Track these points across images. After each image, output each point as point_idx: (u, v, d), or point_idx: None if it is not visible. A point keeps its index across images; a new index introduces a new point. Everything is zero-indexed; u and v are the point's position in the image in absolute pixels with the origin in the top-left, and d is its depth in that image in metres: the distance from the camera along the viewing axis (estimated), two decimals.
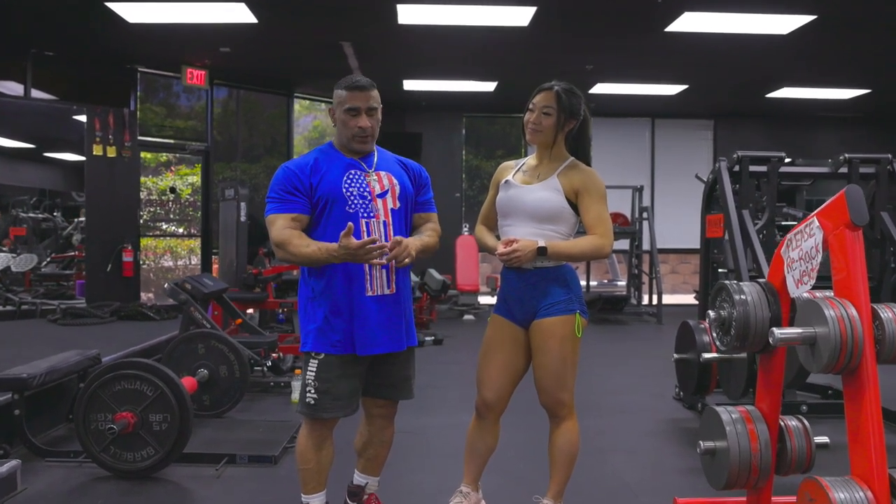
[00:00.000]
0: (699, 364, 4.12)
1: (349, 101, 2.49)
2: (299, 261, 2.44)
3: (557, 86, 2.66)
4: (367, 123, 2.50)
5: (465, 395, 4.94)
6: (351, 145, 2.54)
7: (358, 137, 2.51)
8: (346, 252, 2.31)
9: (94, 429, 3.31)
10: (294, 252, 2.41)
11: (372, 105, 2.51)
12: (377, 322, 2.47)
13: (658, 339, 8.39)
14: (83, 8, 6.43)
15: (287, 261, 2.50)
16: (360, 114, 2.49)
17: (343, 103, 2.50)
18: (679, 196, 11.44)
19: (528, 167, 2.78)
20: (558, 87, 2.65)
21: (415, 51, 7.89)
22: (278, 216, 2.46)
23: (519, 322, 2.70)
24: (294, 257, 2.43)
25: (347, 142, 2.54)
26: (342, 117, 2.51)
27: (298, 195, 2.46)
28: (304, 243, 2.41)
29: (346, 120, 2.51)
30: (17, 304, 7.47)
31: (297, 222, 2.46)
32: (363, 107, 2.49)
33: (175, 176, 9.90)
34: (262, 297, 6.74)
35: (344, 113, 2.51)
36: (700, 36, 7.05)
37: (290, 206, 2.46)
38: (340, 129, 2.54)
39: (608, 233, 2.64)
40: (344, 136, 2.54)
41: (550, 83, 2.68)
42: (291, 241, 2.41)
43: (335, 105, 2.54)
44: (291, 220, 2.45)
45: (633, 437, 4.21)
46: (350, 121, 2.50)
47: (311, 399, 2.47)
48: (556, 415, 2.69)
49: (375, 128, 2.55)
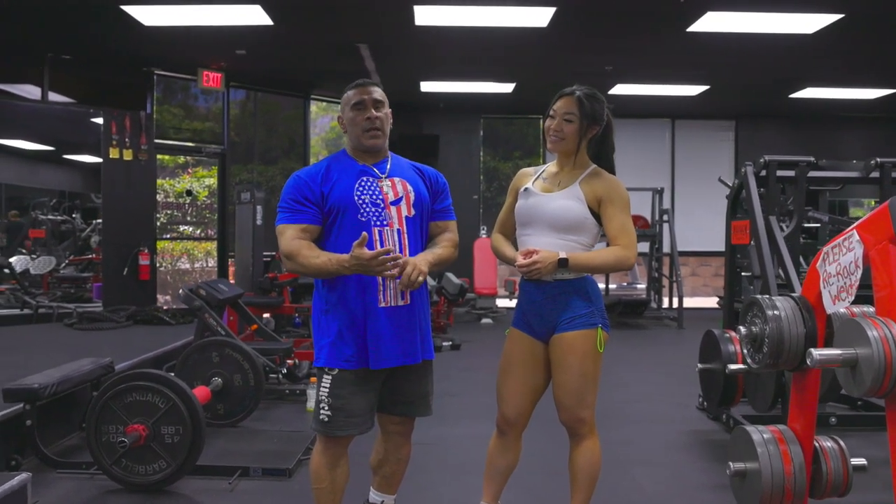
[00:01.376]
0: (724, 375, 4.00)
1: (354, 97, 2.44)
2: (309, 272, 2.36)
3: (579, 91, 2.56)
4: (375, 114, 2.43)
5: (485, 404, 4.84)
6: (362, 143, 2.45)
7: (368, 131, 2.44)
8: (357, 263, 2.23)
9: (105, 441, 3.25)
10: (303, 263, 2.33)
11: (377, 98, 2.45)
12: (390, 334, 2.38)
13: (679, 344, 8.26)
14: (99, 11, 6.40)
15: (296, 272, 2.42)
16: (366, 106, 2.43)
17: (349, 102, 2.45)
18: (700, 198, 11.31)
19: (549, 174, 2.68)
20: (580, 93, 2.55)
21: (432, 52, 7.80)
22: (287, 226, 2.39)
23: (538, 336, 2.60)
24: (303, 269, 2.35)
25: (358, 141, 2.46)
26: (350, 115, 2.45)
27: (308, 205, 2.39)
28: (313, 254, 2.33)
29: (353, 117, 2.44)
30: (34, 307, 7.46)
31: (307, 233, 2.39)
32: (368, 99, 2.43)
33: (192, 178, 9.88)
34: (279, 301, 6.69)
35: (351, 110, 2.45)
36: (723, 36, 6.91)
37: (300, 217, 2.39)
38: (351, 130, 2.47)
39: (632, 244, 2.54)
40: (354, 136, 2.46)
41: (571, 88, 2.58)
42: (300, 252, 2.34)
43: (343, 109, 2.48)
44: (301, 230, 2.38)
45: (655, 449, 4.10)
46: (358, 116, 2.44)
47: (324, 416, 2.39)
48: (576, 433, 2.59)
49: (385, 124, 2.48)
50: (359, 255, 2.21)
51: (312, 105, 10.39)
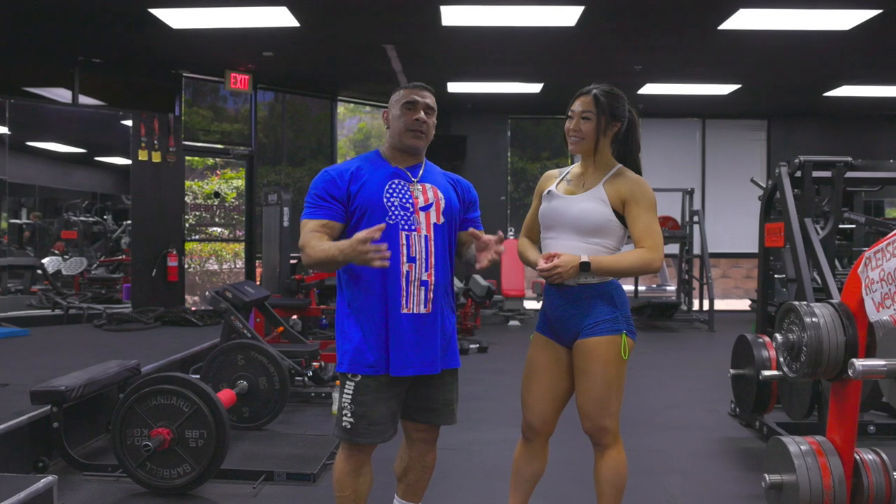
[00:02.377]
0: (758, 381, 3.90)
1: (407, 95, 2.41)
2: (314, 261, 2.32)
3: (596, 88, 2.51)
4: (424, 118, 2.40)
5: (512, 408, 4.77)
6: (404, 141, 2.41)
7: (413, 131, 2.40)
8: (350, 244, 2.16)
9: (130, 444, 3.25)
10: (310, 254, 2.31)
11: (429, 104, 2.43)
12: (410, 342, 2.34)
13: (710, 348, 8.13)
14: (128, 15, 6.43)
15: (308, 265, 2.40)
16: (417, 108, 2.40)
17: (401, 100, 2.42)
18: (731, 199, 11.15)
19: (573, 176, 2.62)
20: (596, 90, 2.51)
21: (459, 52, 7.75)
22: (308, 221, 2.37)
23: (562, 341, 2.55)
24: (310, 258, 2.32)
25: (399, 139, 2.41)
26: (397, 112, 2.41)
27: (333, 202, 2.36)
28: (319, 244, 2.30)
29: (402, 114, 2.40)
30: (64, 308, 7.54)
31: (327, 228, 2.35)
32: (421, 102, 2.41)
33: (220, 180, 9.93)
34: (305, 303, 6.68)
35: (401, 107, 2.41)
36: (755, 33, 6.77)
37: (322, 212, 2.36)
38: (394, 127, 2.42)
39: (658, 246, 2.46)
40: (397, 133, 2.41)
41: (589, 87, 2.53)
42: (310, 242, 2.32)
43: (391, 105, 2.45)
44: (321, 225, 2.35)
45: (686, 457, 4.00)
46: (406, 114, 2.40)
47: (347, 423, 2.35)
48: (599, 442, 2.52)
49: (430, 130, 2.45)
50: (356, 236, 2.15)
51: (340, 106, 10.39)
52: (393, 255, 2.28)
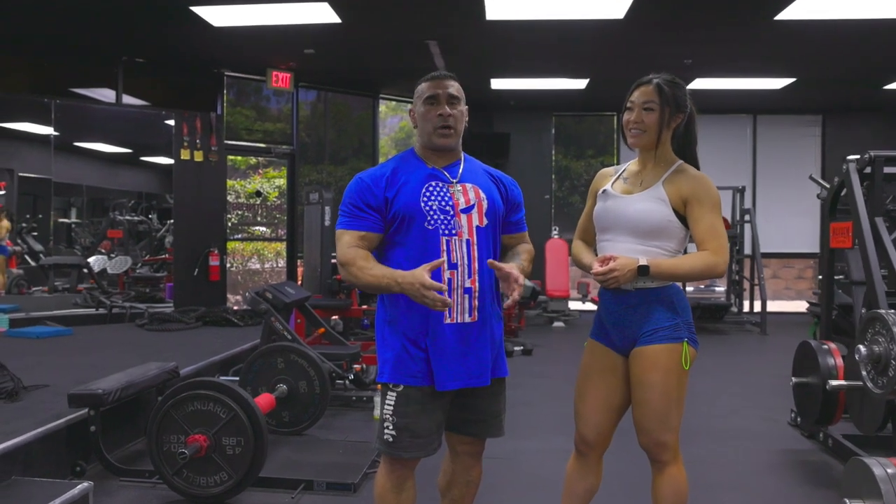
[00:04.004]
0: (824, 391, 3.67)
1: (427, 90, 2.24)
2: (361, 284, 2.18)
3: (657, 78, 2.33)
4: (448, 111, 2.23)
5: (560, 414, 4.61)
6: (432, 141, 2.25)
7: (440, 129, 2.23)
8: (411, 282, 2.04)
9: (166, 451, 3.16)
10: (356, 275, 2.16)
11: (452, 93, 2.25)
12: (455, 353, 2.18)
13: (763, 351, 7.82)
14: (170, 13, 6.41)
15: (350, 282, 2.25)
16: (439, 102, 2.23)
17: (421, 95, 2.26)
18: (782, 197, 10.83)
19: (630, 174, 2.44)
20: (658, 79, 2.33)
21: (503, 48, 7.57)
22: (345, 232, 2.22)
23: (618, 349, 2.38)
24: (356, 280, 2.18)
25: (428, 139, 2.26)
26: (421, 110, 2.26)
27: (369, 211, 2.21)
28: (368, 266, 2.16)
29: (425, 112, 2.24)
30: (108, 307, 7.56)
31: (366, 241, 2.20)
32: (443, 94, 2.23)
33: (262, 179, 9.92)
34: (346, 304, 6.58)
35: (423, 104, 2.25)
36: (814, 23, 6.46)
37: (359, 223, 2.21)
38: (421, 126, 2.27)
39: (722, 249, 2.28)
40: (425, 133, 2.26)
41: (648, 76, 2.35)
42: (356, 262, 2.17)
43: (415, 101, 2.29)
44: (359, 238, 2.20)
45: (746, 471, 3.78)
46: (430, 111, 2.24)
47: (388, 436, 2.20)
48: (657, 459, 2.33)
49: (459, 122, 2.27)
50: (419, 279, 2.03)
51: (381, 105, 10.30)
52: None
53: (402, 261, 2.18)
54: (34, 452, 3.27)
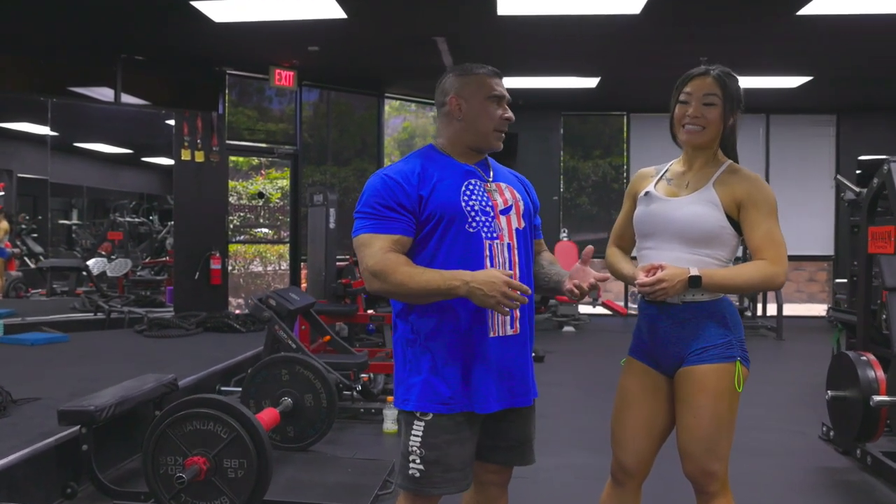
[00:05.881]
0: (865, 406, 3.44)
1: (494, 87, 2.03)
2: (406, 293, 1.90)
3: (714, 69, 2.12)
4: (512, 116, 2.05)
5: (580, 427, 4.39)
6: (489, 141, 2.04)
7: (500, 131, 2.04)
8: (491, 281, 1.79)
9: (163, 474, 2.93)
10: (402, 282, 1.86)
11: (507, 95, 2.08)
12: (499, 370, 1.96)
13: (781, 358, 7.59)
14: (170, 8, 6.18)
15: (386, 293, 1.95)
16: (504, 104, 2.04)
17: (482, 89, 2.02)
18: (795, 198, 10.56)
19: (674, 174, 2.22)
20: (717, 71, 2.11)
21: (513, 44, 7.34)
22: (376, 237, 1.92)
23: (662, 369, 2.16)
24: (400, 289, 1.88)
25: (484, 137, 2.03)
26: (483, 105, 2.01)
27: (403, 212, 1.93)
28: (416, 271, 1.88)
29: (490, 109, 2.02)
30: (106, 312, 7.34)
31: (401, 245, 1.93)
32: (506, 95, 2.06)
33: (265, 180, 9.70)
34: (352, 309, 6.35)
35: (488, 100, 2.02)
36: (838, 18, 6.22)
37: (392, 226, 1.92)
38: (475, 122, 2.02)
39: (781, 258, 2.06)
40: (478, 131, 2.02)
41: (700, 68, 2.14)
42: (398, 268, 1.87)
43: (468, 93, 2.02)
44: (393, 242, 1.92)
45: (781, 491, 3.55)
46: (495, 110, 2.02)
47: (415, 471, 1.95)
48: (704, 490, 2.13)
49: None
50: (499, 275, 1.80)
51: (386, 104, 10.08)
52: (476, 268, 1.91)
53: (438, 268, 1.93)
54: (21, 474, 3.05)
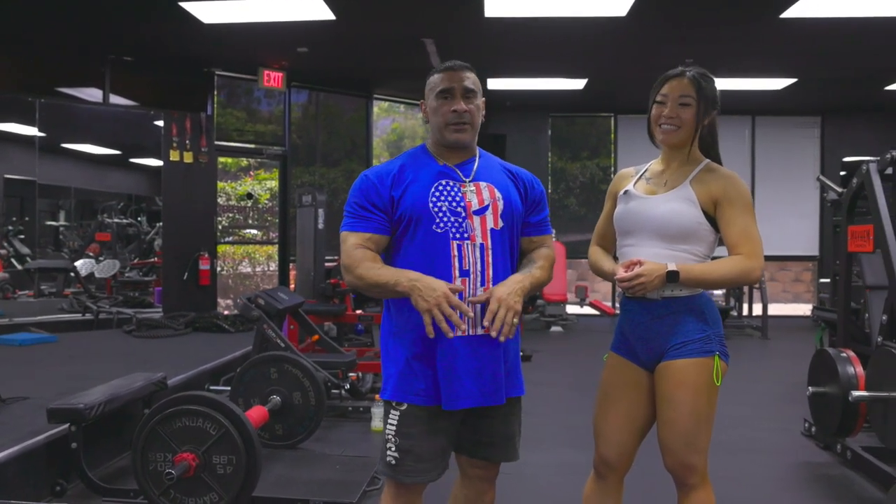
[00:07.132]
0: (845, 402, 3.50)
1: (441, 82, 2.06)
2: (366, 286, 1.99)
3: (689, 70, 2.17)
4: (464, 106, 2.04)
5: (567, 425, 4.43)
6: (445, 137, 2.07)
7: (453, 125, 2.05)
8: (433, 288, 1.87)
9: (152, 470, 2.95)
10: (362, 275, 1.97)
11: (468, 86, 2.06)
12: (466, 369, 1.98)
13: (766, 357, 7.68)
14: (158, 9, 6.19)
15: (354, 286, 2.05)
16: (454, 96, 2.05)
17: (434, 88, 2.07)
18: (780, 199, 10.73)
19: (653, 173, 2.27)
20: (691, 72, 2.16)
21: (501, 46, 7.40)
22: (350, 234, 2.03)
23: (643, 363, 2.20)
24: (360, 281, 1.99)
25: (441, 134, 2.08)
26: (434, 104, 2.07)
27: (375, 211, 2.02)
28: (375, 266, 1.98)
29: (438, 106, 2.06)
30: (95, 312, 7.34)
31: (372, 243, 2.02)
32: (458, 87, 2.05)
33: (253, 181, 9.72)
34: (341, 309, 6.38)
35: (436, 98, 2.06)
36: (821, 21, 6.31)
37: (365, 224, 2.02)
38: (433, 121, 2.09)
39: (756, 253, 2.11)
40: (436, 129, 2.09)
41: (677, 69, 2.18)
42: (361, 263, 1.98)
43: (427, 94, 2.10)
44: (365, 240, 2.01)
45: (763, 487, 3.60)
46: (443, 105, 2.05)
47: (391, 458, 2.02)
48: (684, 482, 2.17)
49: (476, 116, 2.09)
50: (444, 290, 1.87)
51: (374, 106, 10.11)
52: (443, 269, 1.97)
53: (407, 268, 1.99)
54: (10, 471, 3.07)
